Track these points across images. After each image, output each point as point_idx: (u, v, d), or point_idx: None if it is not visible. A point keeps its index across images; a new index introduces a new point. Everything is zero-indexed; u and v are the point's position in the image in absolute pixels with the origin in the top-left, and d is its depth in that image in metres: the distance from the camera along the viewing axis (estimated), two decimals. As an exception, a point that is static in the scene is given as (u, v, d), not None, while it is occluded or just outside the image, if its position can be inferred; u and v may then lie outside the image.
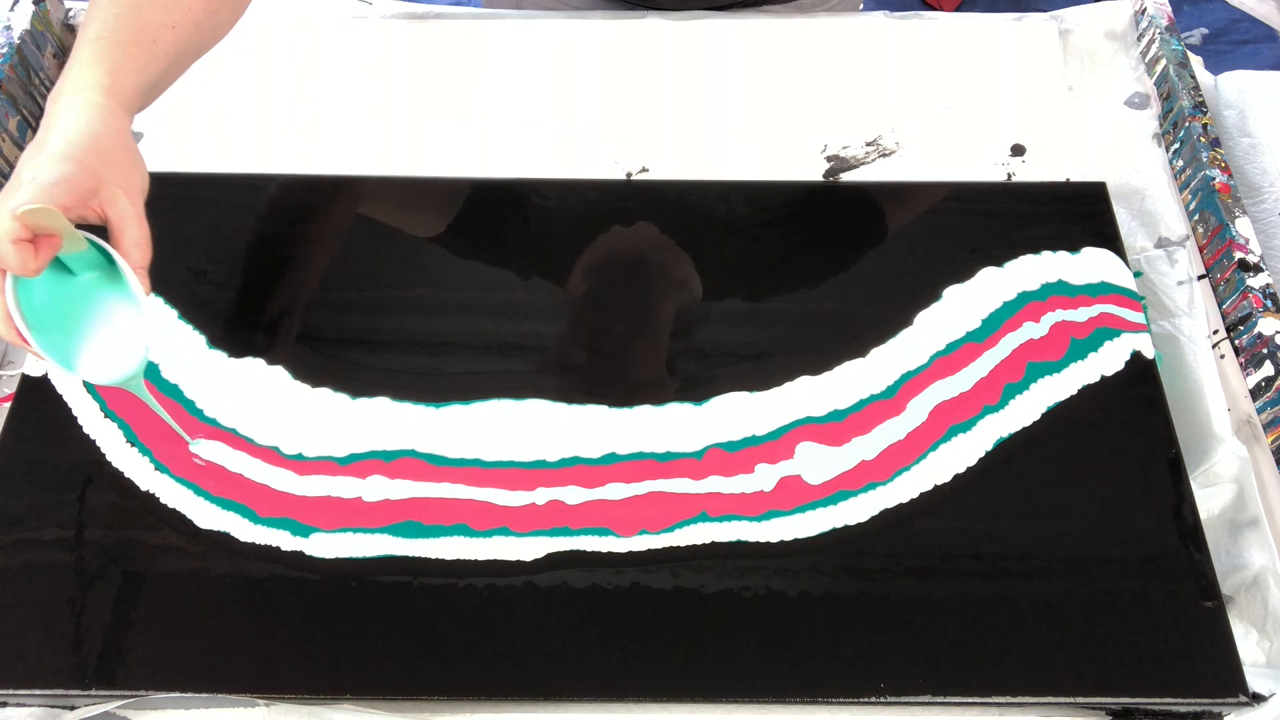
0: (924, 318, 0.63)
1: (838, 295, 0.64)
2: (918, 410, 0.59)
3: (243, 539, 0.54)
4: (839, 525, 0.55)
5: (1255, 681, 0.52)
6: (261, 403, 0.59)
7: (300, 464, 0.57)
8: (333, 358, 0.60)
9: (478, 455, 0.57)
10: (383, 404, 0.59)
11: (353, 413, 0.58)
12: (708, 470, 0.57)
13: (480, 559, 0.53)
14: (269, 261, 0.65)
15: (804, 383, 0.60)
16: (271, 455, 0.57)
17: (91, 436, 0.57)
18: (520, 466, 0.57)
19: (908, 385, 0.60)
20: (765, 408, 0.59)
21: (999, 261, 0.65)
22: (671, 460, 0.57)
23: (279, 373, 0.60)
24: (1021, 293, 0.64)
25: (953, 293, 0.64)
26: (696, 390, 0.59)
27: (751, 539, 0.54)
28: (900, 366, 0.61)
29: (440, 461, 0.57)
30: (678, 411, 0.59)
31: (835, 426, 0.59)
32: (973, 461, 0.57)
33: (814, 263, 0.65)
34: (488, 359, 0.60)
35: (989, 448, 0.57)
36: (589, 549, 0.54)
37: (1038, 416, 0.58)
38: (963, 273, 0.65)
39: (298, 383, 0.59)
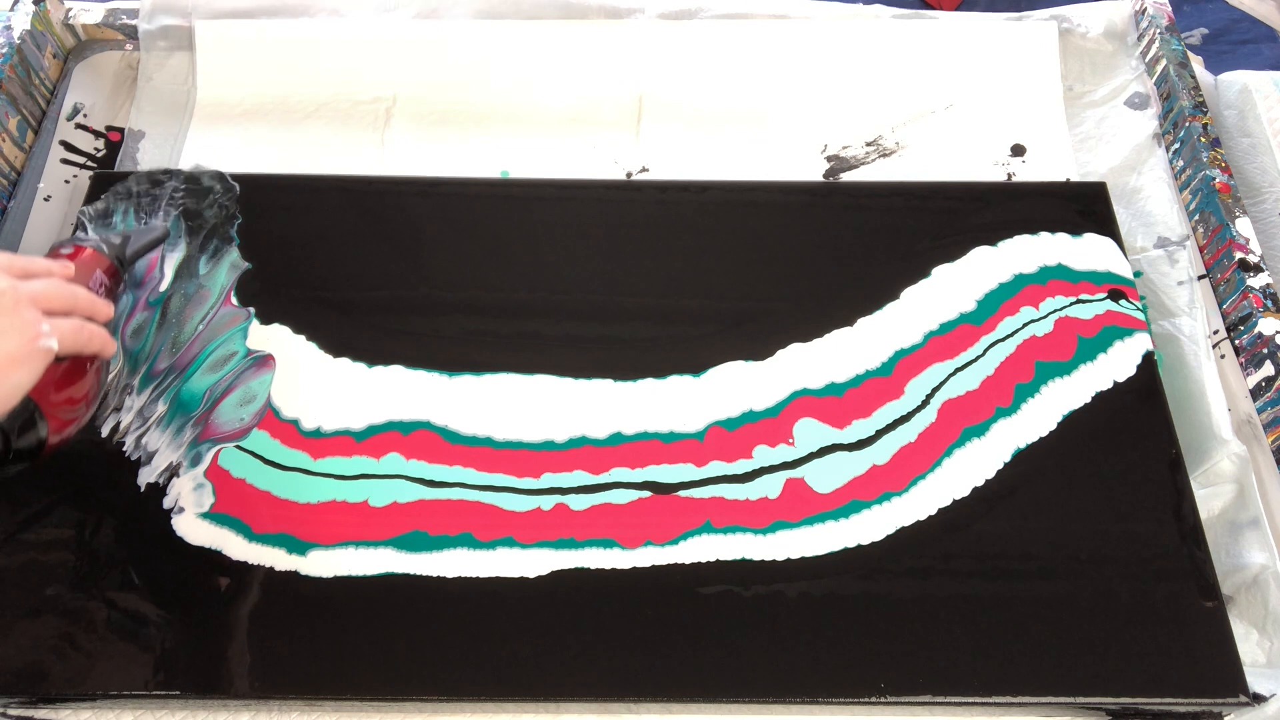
0: (911, 293, 0.63)
1: (825, 272, 0.65)
2: (916, 393, 0.59)
3: (234, 557, 0.54)
4: (851, 545, 0.54)
5: (1255, 681, 0.52)
6: (284, 371, 0.59)
7: (317, 442, 0.57)
8: (351, 325, 0.61)
9: (489, 434, 0.57)
10: (398, 372, 0.59)
11: (369, 381, 0.59)
12: (710, 454, 0.57)
13: (483, 576, 0.53)
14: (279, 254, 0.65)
15: (796, 351, 0.60)
16: (290, 432, 0.57)
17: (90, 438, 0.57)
18: (529, 448, 0.57)
19: (903, 363, 0.60)
20: (761, 379, 0.60)
21: (992, 241, 0.65)
22: (675, 441, 0.57)
23: (300, 341, 0.61)
24: (1018, 275, 0.64)
25: (942, 271, 0.64)
26: (693, 358, 0.60)
27: (757, 557, 0.54)
28: (892, 342, 0.61)
29: (454, 439, 0.57)
30: (678, 384, 0.59)
31: (834, 402, 0.59)
32: (991, 474, 0.57)
33: (811, 260, 0.65)
34: (491, 351, 0.61)
35: (1007, 459, 0.57)
36: (593, 565, 0.54)
37: (1054, 425, 0.58)
38: (953, 252, 0.65)
39: (319, 351, 0.60)
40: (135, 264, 0.61)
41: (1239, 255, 0.65)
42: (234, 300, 0.62)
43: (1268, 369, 0.61)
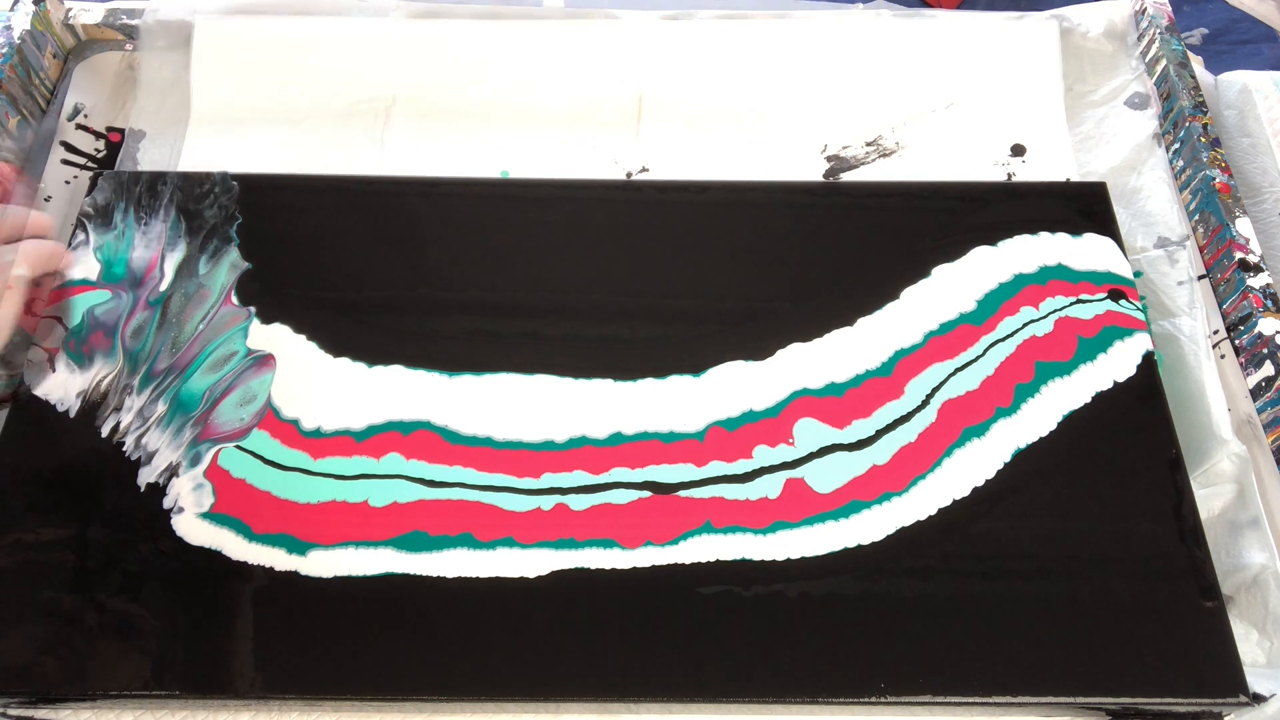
0: (911, 293, 0.63)
1: (825, 272, 0.64)
2: (917, 394, 0.59)
3: (234, 557, 0.54)
4: (851, 545, 0.54)
5: (1255, 681, 0.52)
6: (285, 371, 0.59)
7: (317, 442, 0.57)
8: (351, 325, 0.61)
9: (489, 434, 0.57)
10: (397, 371, 0.59)
11: (369, 381, 0.59)
12: (710, 454, 0.57)
13: (483, 576, 0.53)
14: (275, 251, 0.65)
15: (796, 351, 0.60)
16: (290, 432, 0.57)
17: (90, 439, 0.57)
18: (529, 448, 0.57)
19: (903, 363, 0.60)
20: (762, 379, 0.60)
21: (992, 241, 0.65)
22: (675, 441, 0.57)
23: (300, 341, 0.61)
24: (1018, 275, 0.64)
25: (942, 271, 0.64)
26: (693, 358, 0.60)
27: (757, 557, 0.54)
28: (892, 342, 0.61)
29: (454, 439, 0.57)
30: (678, 384, 0.59)
31: (834, 402, 0.59)
32: (991, 474, 0.57)
33: (811, 260, 0.65)
34: (491, 351, 0.61)
35: (1007, 458, 0.57)
36: (593, 565, 0.54)
37: (1054, 425, 0.58)
38: (952, 252, 0.65)
39: (319, 351, 0.60)
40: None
41: (1239, 255, 0.65)
42: (234, 300, 0.62)
43: (1268, 369, 0.61)
